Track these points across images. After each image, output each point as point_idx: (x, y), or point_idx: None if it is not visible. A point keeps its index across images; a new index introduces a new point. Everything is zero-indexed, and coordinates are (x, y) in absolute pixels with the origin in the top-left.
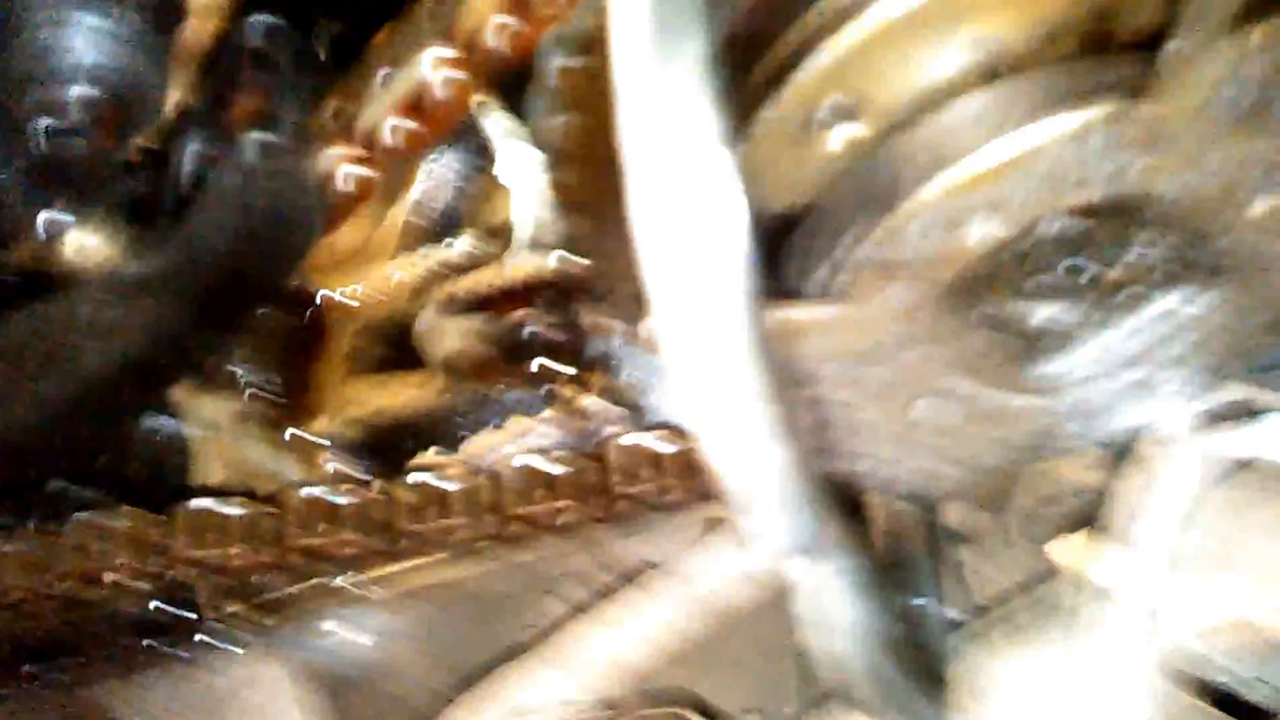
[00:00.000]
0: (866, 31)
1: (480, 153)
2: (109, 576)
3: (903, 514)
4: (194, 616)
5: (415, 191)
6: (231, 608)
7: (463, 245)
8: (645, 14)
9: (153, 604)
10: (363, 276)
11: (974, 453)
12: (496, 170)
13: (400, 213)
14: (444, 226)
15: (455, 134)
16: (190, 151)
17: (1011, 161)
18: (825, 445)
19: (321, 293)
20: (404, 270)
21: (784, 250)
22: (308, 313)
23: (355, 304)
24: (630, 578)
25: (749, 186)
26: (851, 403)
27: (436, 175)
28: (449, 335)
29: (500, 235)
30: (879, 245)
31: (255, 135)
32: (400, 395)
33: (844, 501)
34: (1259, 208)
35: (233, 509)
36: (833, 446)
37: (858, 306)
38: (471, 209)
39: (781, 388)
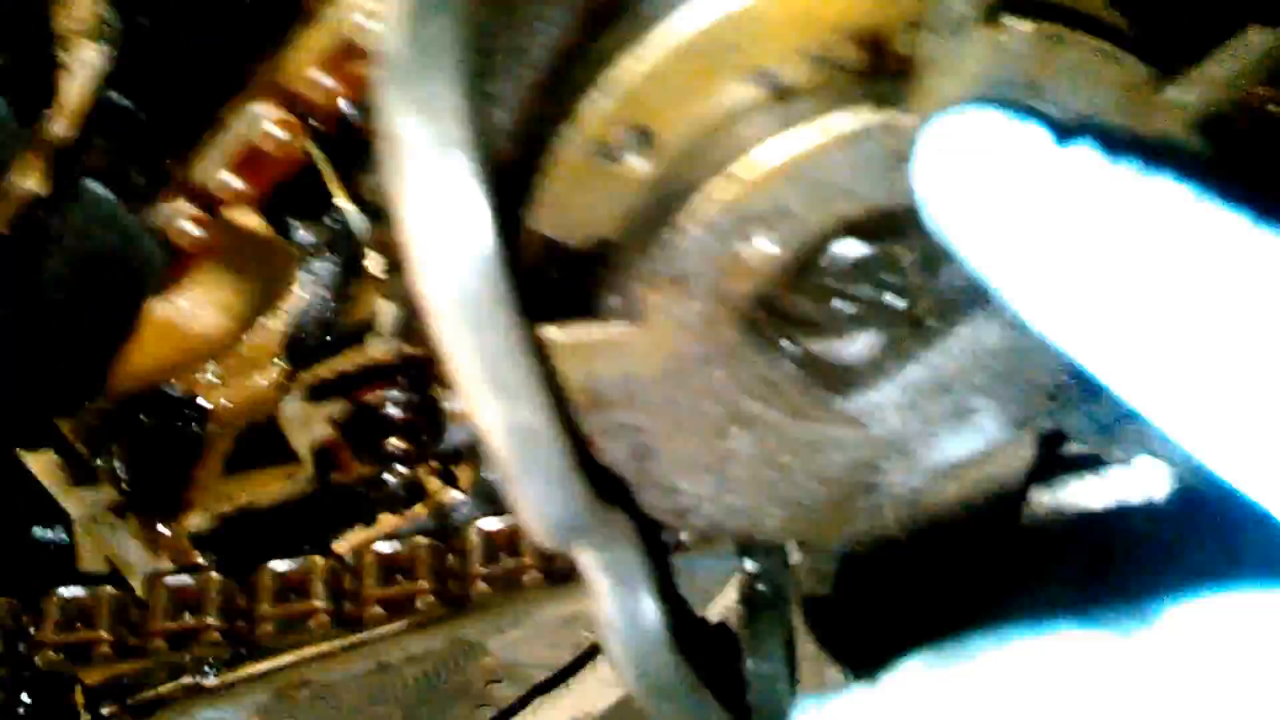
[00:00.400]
0: (645, 63)
1: (351, 253)
2: None
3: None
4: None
5: (291, 300)
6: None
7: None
8: (402, 44)
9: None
10: (241, 384)
11: (794, 488)
12: (366, 262)
13: (278, 321)
14: (319, 333)
15: (328, 241)
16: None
17: (779, 168)
18: (643, 477)
19: (200, 400)
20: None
21: (593, 282)
22: (189, 420)
23: (233, 410)
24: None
25: (552, 217)
26: (662, 430)
27: (311, 282)
28: (314, 420)
29: (369, 323)
30: (664, 259)
31: (94, 185)
32: (271, 488)
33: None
34: None
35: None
36: (651, 479)
37: (650, 323)
38: (346, 311)
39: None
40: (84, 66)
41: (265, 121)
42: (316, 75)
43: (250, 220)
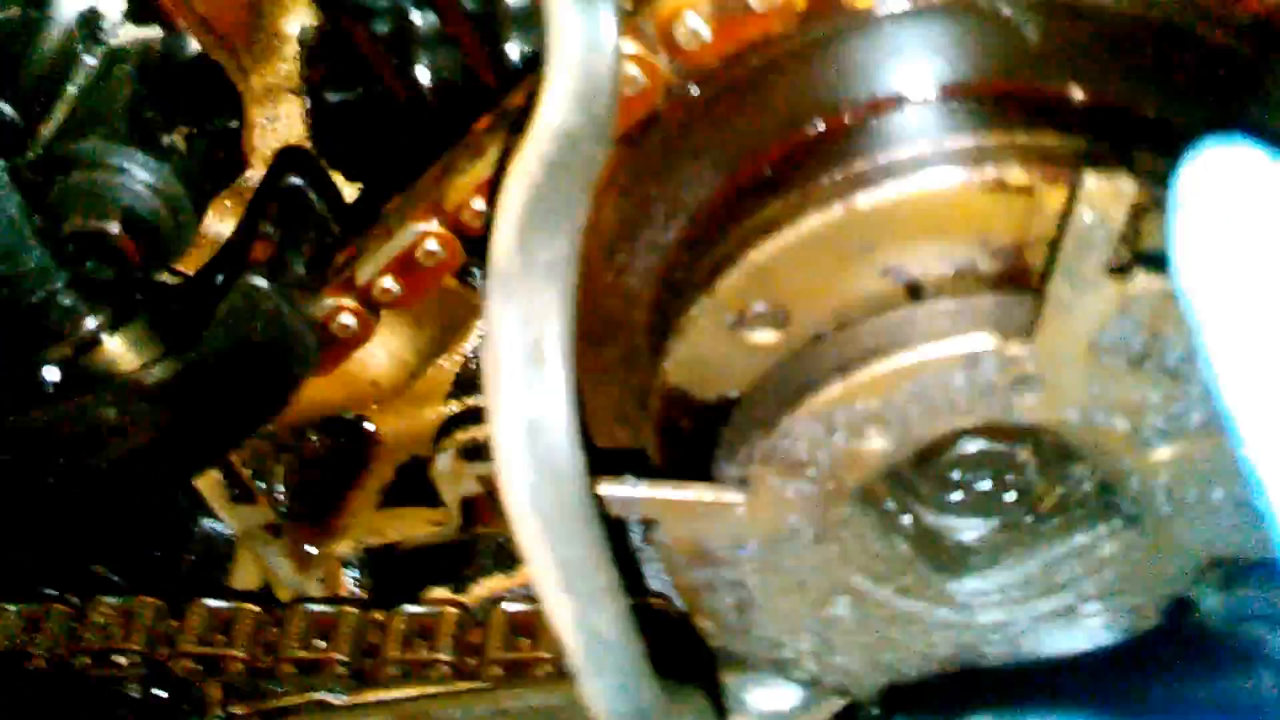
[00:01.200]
0: (786, 246)
1: None
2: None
3: None
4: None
5: (469, 341)
6: (236, 709)
7: None
8: (511, 258)
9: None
10: (412, 416)
11: (896, 659)
12: None
13: (453, 360)
14: None
15: None
16: (217, 280)
17: (900, 375)
18: (746, 627)
19: (370, 425)
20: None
21: (715, 437)
22: (354, 442)
23: (398, 439)
24: None
25: (682, 371)
26: (767, 591)
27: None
28: (465, 480)
29: None
30: (780, 441)
31: (254, 278)
32: (420, 529)
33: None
34: (1163, 453)
35: (241, 612)
36: (753, 631)
37: (762, 498)
38: None
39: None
40: (283, 120)
41: (428, 239)
42: (477, 203)
43: None
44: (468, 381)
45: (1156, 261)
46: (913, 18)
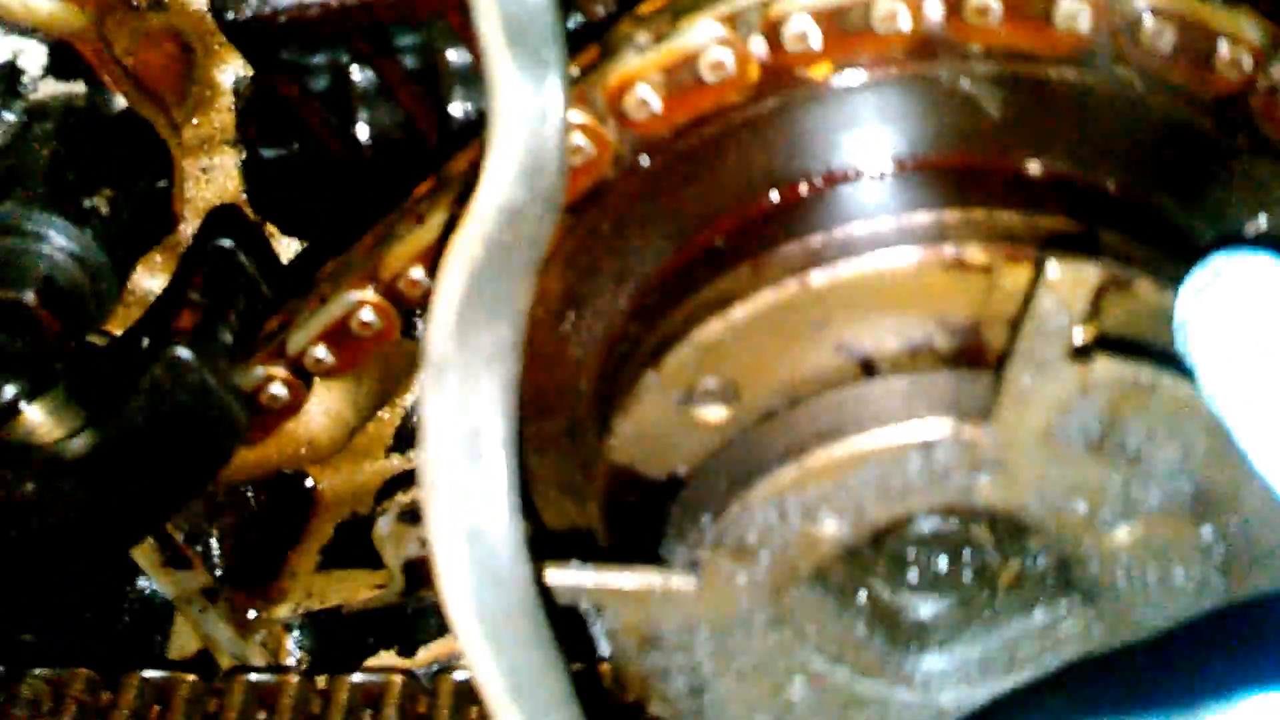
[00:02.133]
0: (737, 322)
1: None
2: None
3: None
4: None
5: (408, 395)
6: None
7: None
8: (456, 301)
9: None
10: (351, 471)
11: None
12: None
13: (395, 413)
14: None
15: None
16: (142, 344)
17: (852, 460)
18: (701, 710)
19: (309, 481)
20: (391, 470)
21: (663, 515)
22: (292, 499)
23: (338, 496)
24: None
25: (628, 448)
26: (721, 675)
27: None
28: (407, 542)
29: None
30: (731, 526)
31: (178, 349)
32: (363, 592)
33: None
34: (1122, 535)
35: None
36: (709, 713)
37: (714, 582)
38: None
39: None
40: (217, 172)
41: (363, 308)
42: (416, 272)
43: None
44: (408, 435)
45: (1117, 345)
46: (870, 90)
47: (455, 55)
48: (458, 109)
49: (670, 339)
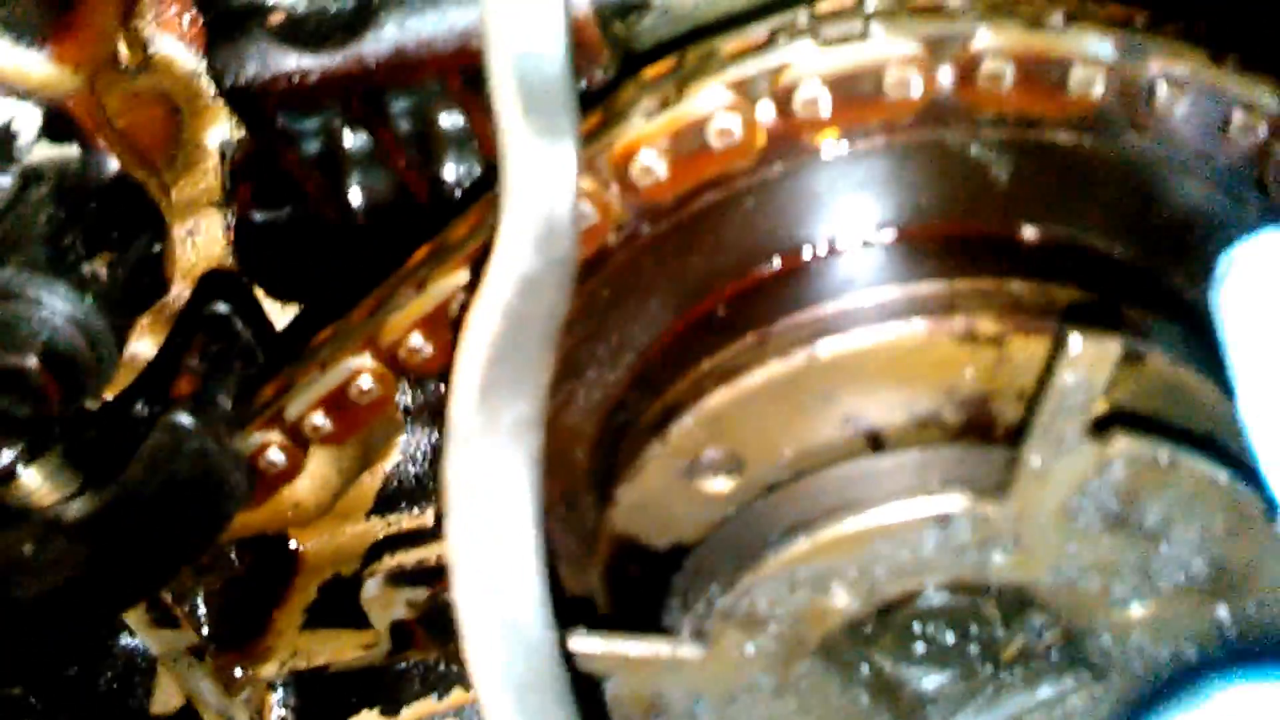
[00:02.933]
0: (743, 393)
1: None
2: None
3: None
4: None
5: (391, 458)
6: None
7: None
8: (479, 373)
9: None
10: (334, 532)
11: None
12: None
13: (376, 476)
14: (414, 495)
15: (432, 410)
16: (138, 412)
17: (865, 535)
18: None
19: (293, 543)
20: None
21: (667, 585)
22: (276, 560)
23: (321, 556)
24: None
25: (630, 518)
26: None
27: (410, 446)
28: (394, 605)
29: None
30: (740, 599)
31: (177, 416)
32: (348, 652)
33: None
34: (1137, 612)
35: None
36: None
37: (722, 652)
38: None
39: None
40: (202, 235)
41: (362, 375)
42: (416, 339)
43: None
44: (389, 498)
45: (1135, 421)
46: (877, 156)
47: (449, 119)
48: (451, 172)
49: (674, 409)
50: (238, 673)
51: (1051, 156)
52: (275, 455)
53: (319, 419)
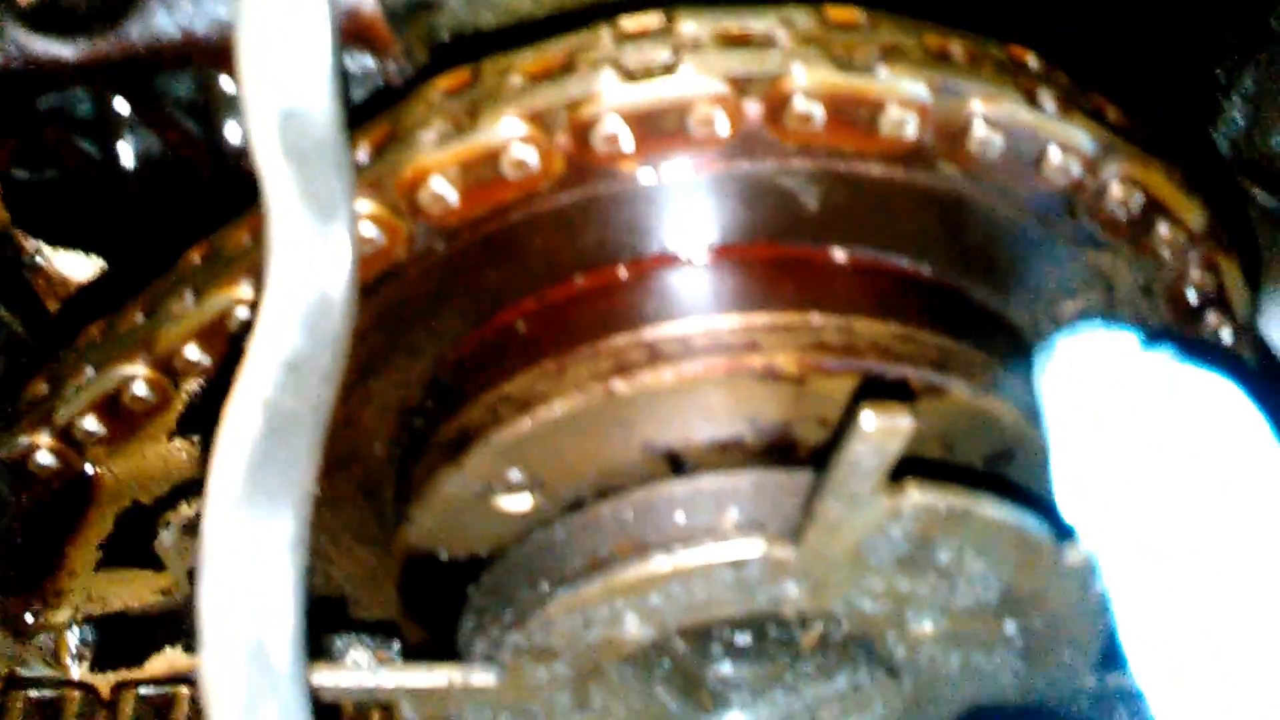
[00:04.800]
0: (541, 424)
1: None
2: None
3: None
4: None
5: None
6: None
7: None
8: (237, 487)
9: None
10: (137, 455)
11: None
12: None
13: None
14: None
15: None
16: None
17: (664, 578)
18: None
19: (89, 468)
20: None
21: (464, 598)
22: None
23: (118, 483)
24: None
25: (429, 537)
26: None
27: None
28: (190, 552)
29: None
30: (534, 634)
31: None
32: (146, 596)
33: None
34: (927, 627)
35: None
36: None
37: (515, 678)
38: None
39: None
40: None
41: (136, 381)
42: (192, 351)
43: None
44: (191, 419)
45: (928, 469)
46: (681, 185)
47: (229, 83)
48: (234, 134)
49: (470, 435)
50: (29, 619)
51: (863, 186)
52: (44, 458)
53: (90, 424)
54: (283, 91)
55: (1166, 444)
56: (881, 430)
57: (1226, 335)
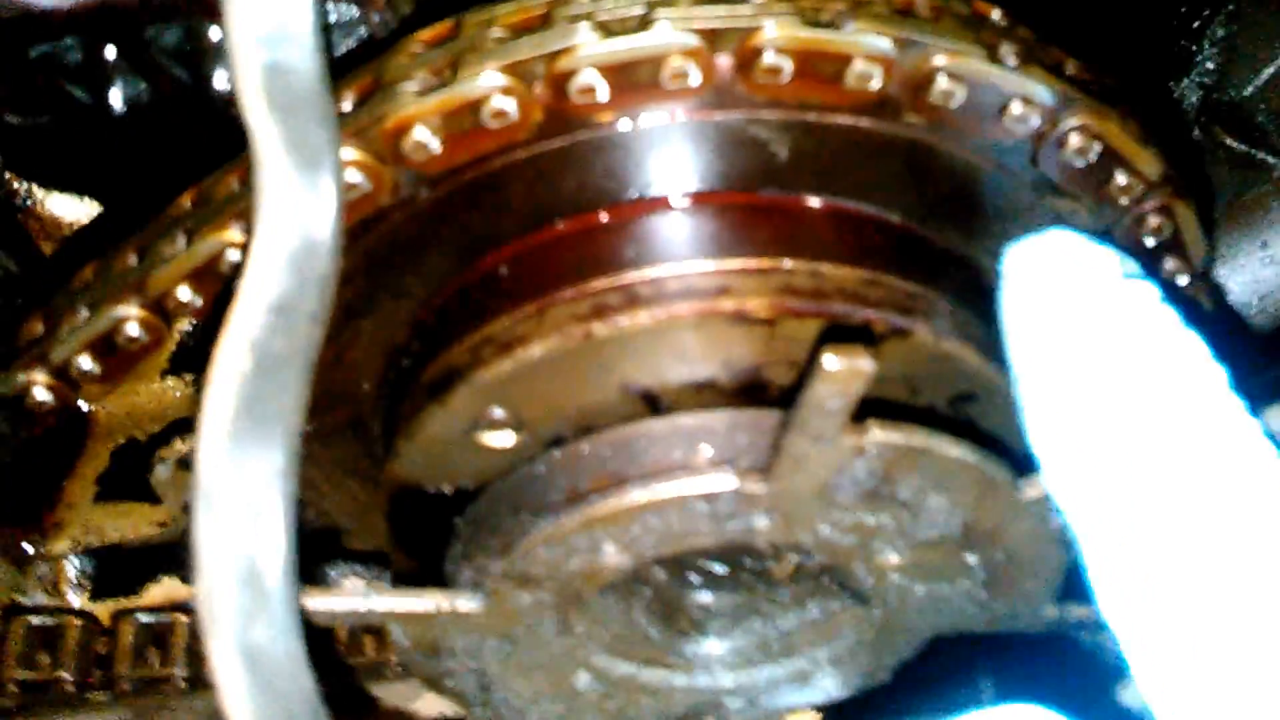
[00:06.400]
0: (521, 364)
1: None
2: None
3: None
4: None
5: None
6: None
7: None
8: (227, 423)
9: None
10: (128, 394)
11: (642, 716)
12: None
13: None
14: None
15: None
16: None
17: (640, 509)
18: (489, 701)
19: (84, 405)
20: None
21: (449, 527)
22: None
23: (114, 419)
24: None
25: (415, 471)
26: (510, 674)
27: None
28: (186, 485)
29: None
30: (517, 562)
31: None
32: (144, 529)
33: None
34: (893, 559)
35: None
36: (497, 705)
37: (500, 604)
38: None
39: None
40: None
41: (129, 322)
42: (184, 292)
43: None
44: (184, 357)
45: (891, 409)
46: (657, 133)
47: (217, 32)
48: (222, 82)
49: (454, 375)
50: (27, 548)
51: (832, 137)
52: (41, 394)
53: (86, 363)
54: (268, 45)
55: (1129, 381)
56: (843, 372)
57: (1183, 280)
